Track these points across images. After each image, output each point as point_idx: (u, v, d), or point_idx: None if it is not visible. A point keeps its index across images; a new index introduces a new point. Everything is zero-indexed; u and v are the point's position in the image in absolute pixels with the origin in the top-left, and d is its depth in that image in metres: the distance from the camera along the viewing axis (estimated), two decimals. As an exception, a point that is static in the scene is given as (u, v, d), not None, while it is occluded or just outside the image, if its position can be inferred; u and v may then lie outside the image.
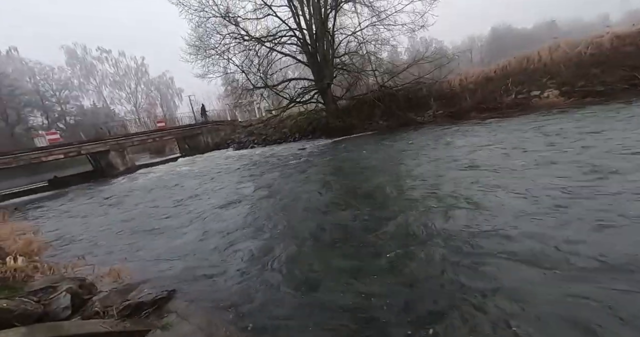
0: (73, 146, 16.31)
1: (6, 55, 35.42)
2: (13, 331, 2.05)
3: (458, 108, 12.22)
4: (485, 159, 5.59)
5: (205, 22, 15.30)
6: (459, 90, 12.83)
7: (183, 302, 2.82)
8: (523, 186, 3.91)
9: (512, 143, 6.35)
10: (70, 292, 2.69)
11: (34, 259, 3.80)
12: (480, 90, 12.14)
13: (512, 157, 5.38)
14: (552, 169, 4.35)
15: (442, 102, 12.97)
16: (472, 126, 9.74)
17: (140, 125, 32.98)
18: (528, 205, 3.38)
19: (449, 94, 13.00)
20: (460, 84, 13.06)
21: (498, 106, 11.18)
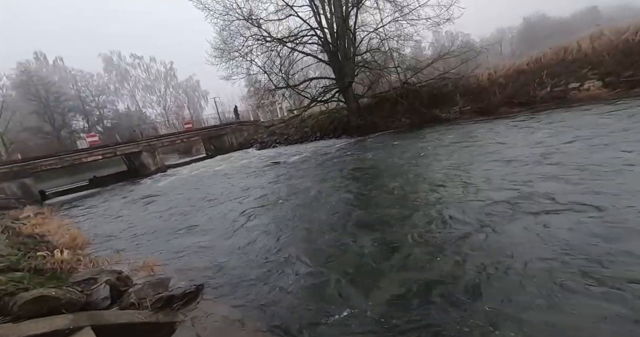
0: (110, 148, 17.44)
1: (53, 65, 38.60)
2: (61, 317, 2.22)
3: (487, 103, 11.65)
4: (566, 157, 4.69)
5: (229, 25, 15.73)
6: (487, 85, 12.21)
7: (210, 297, 2.93)
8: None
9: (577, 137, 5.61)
10: (109, 284, 2.88)
11: (77, 253, 4.10)
12: (512, 84, 11.48)
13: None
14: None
15: (469, 98, 12.43)
16: (508, 121, 9.19)
17: (169, 127, 34.66)
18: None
19: (477, 89, 12.41)
20: (489, 78, 12.43)
21: (531, 100, 10.52)
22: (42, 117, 32.19)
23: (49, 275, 3.24)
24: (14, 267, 3.23)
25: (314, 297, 2.60)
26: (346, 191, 5.70)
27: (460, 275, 2.44)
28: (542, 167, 4.54)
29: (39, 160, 15.10)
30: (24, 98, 31.71)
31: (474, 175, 4.94)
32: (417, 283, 2.48)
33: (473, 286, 2.28)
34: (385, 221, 3.92)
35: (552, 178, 4.00)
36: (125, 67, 47.31)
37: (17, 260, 3.46)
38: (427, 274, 2.58)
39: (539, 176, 4.17)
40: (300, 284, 2.86)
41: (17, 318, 2.15)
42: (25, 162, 14.82)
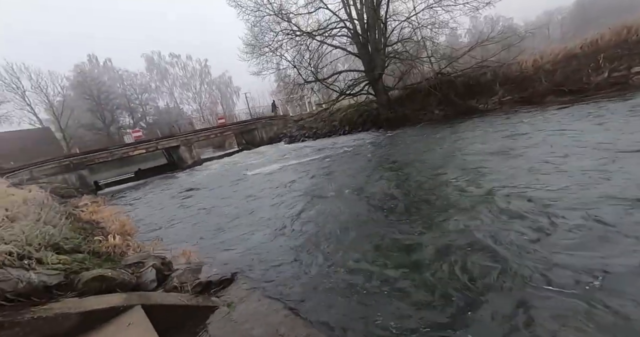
0: (152, 142, 18.78)
1: (103, 66, 42.11)
2: (117, 295, 2.50)
3: (531, 92, 10.75)
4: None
5: (260, 21, 16.04)
6: (531, 72, 11.23)
7: (244, 284, 3.09)
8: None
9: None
10: (155, 268, 3.16)
11: (126, 238, 4.52)
12: (561, 70, 10.45)
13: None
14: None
15: (510, 87, 11.54)
16: (557, 111, 8.45)
17: (204, 122, 36.49)
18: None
19: (519, 77, 11.47)
20: (534, 65, 11.40)
21: (584, 87, 9.52)
22: (95, 115, 35.41)
23: (104, 257, 3.62)
24: (76, 249, 3.65)
25: (348, 288, 2.65)
26: (379, 185, 5.64)
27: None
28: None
29: (93, 154, 16.73)
30: (80, 97, 35.05)
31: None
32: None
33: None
34: (417, 211, 3.84)
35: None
36: (165, 66, 50.22)
37: (79, 243, 3.90)
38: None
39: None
40: (335, 274, 2.93)
41: (82, 294, 2.45)
42: (82, 155, 16.49)
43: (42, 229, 3.64)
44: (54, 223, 4.22)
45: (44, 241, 3.29)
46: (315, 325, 2.27)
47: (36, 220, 4.00)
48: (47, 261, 2.81)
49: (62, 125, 31.71)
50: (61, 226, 4.19)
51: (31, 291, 2.21)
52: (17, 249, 2.68)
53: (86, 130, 34.45)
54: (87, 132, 34.37)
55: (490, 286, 2.28)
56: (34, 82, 31.14)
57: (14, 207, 4.36)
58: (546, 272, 2.26)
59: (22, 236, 3.14)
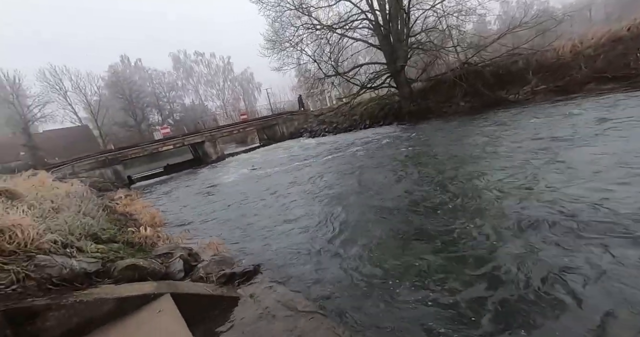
0: (179, 138, 19.61)
1: (134, 65, 44.32)
2: (148, 284, 2.66)
3: (568, 80, 9.98)
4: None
5: (281, 16, 16.09)
6: (569, 59, 10.41)
7: (267, 277, 3.18)
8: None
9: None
10: (183, 259, 3.33)
11: (157, 230, 4.79)
12: (604, 55, 9.59)
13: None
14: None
15: (544, 75, 10.78)
16: (600, 99, 7.79)
17: (227, 118, 37.45)
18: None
19: (555, 65, 10.67)
20: (572, 51, 10.55)
21: (630, 74, 8.68)
22: (127, 113, 37.50)
23: (137, 247, 3.87)
24: (112, 239, 3.93)
25: (369, 282, 2.65)
26: (400, 181, 5.54)
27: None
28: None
29: (126, 150, 17.77)
30: (114, 96, 37.23)
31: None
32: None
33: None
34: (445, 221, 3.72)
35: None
36: (190, 64, 51.92)
37: (114, 233, 4.19)
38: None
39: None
40: (359, 269, 2.94)
41: (117, 281, 2.63)
42: (117, 151, 17.57)
43: (83, 220, 3.95)
44: (92, 215, 4.55)
45: (84, 231, 3.57)
46: (335, 318, 2.29)
47: (77, 211, 4.34)
48: (86, 250, 3.05)
49: (99, 123, 33.91)
50: (99, 217, 4.52)
51: (74, 277, 2.41)
52: (61, 238, 2.93)
53: (120, 128, 36.58)
54: (120, 129, 36.51)
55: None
56: (74, 83, 33.51)
57: (59, 200, 4.75)
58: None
59: (66, 226, 3.43)
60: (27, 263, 2.34)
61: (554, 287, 2.09)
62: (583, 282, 2.07)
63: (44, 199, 4.43)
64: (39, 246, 2.64)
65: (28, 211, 3.39)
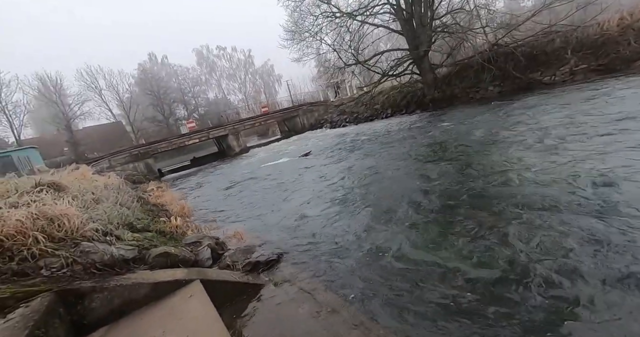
0: (204, 132, 20.32)
1: (161, 62, 46.04)
2: (180, 270, 2.83)
3: (613, 58, 9.08)
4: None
5: (300, 6, 15.90)
6: (616, 34, 9.42)
7: (290, 265, 3.27)
8: None
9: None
10: (210, 247, 3.50)
11: (186, 220, 5.06)
12: (657, 29, 8.60)
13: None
14: None
15: (585, 54, 9.86)
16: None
17: (249, 111, 38.09)
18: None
19: (599, 42, 9.71)
20: (620, 25, 9.54)
21: (689, 49, 7.74)
22: (155, 108, 39.29)
23: (168, 236, 4.11)
24: (146, 228, 4.20)
25: (394, 275, 2.66)
26: (419, 175, 5.41)
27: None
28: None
29: (156, 144, 18.72)
30: (144, 93, 39.08)
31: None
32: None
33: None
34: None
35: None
36: (213, 59, 53.03)
37: (148, 223, 4.48)
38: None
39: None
40: (381, 259, 2.95)
41: (151, 267, 2.83)
42: (148, 145, 18.56)
43: (120, 210, 4.25)
44: (128, 205, 4.88)
45: (121, 221, 3.84)
46: (357, 306, 2.33)
47: (115, 202, 4.67)
48: (124, 238, 3.29)
49: (131, 119, 35.86)
50: (134, 208, 4.84)
51: (114, 263, 2.62)
52: (101, 227, 3.18)
53: (149, 123, 38.49)
54: (150, 124, 38.41)
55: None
56: (107, 81, 35.53)
57: (98, 191, 5.13)
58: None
59: (105, 215, 3.71)
60: (74, 249, 2.57)
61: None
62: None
63: (85, 191, 4.80)
64: (83, 233, 2.89)
65: (72, 201, 3.71)
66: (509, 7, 18.46)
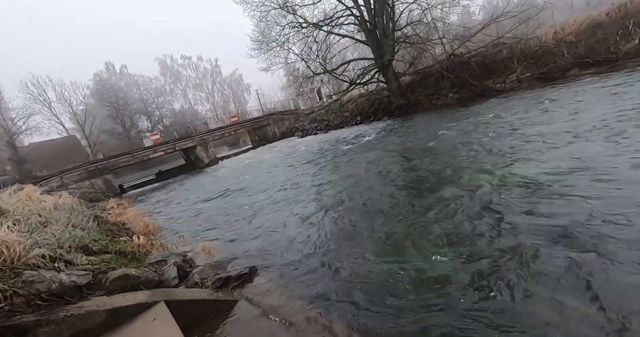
0: (170, 144, 19.38)
1: (119, 72, 43.59)
2: (141, 293, 2.62)
3: (551, 67, 10.13)
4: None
5: (266, 16, 15.94)
6: (552, 46, 10.55)
7: (263, 278, 3.17)
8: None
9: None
10: (177, 266, 3.29)
11: (150, 238, 4.73)
12: (584, 41, 9.75)
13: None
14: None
15: (528, 63, 10.90)
16: (583, 85, 7.92)
17: (218, 121, 37.12)
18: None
19: (539, 52, 10.80)
20: (555, 38, 10.70)
21: (611, 58, 8.85)
22: (114, 120, 36.90)
23: (130, 257, 3.81)
24: (104, 250, 3.86)
25: (368, 282, 2.65)
26: (386, 179, 5.57)
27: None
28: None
29: (116, 159, 17.50)
30: (100, 104, 36.59)
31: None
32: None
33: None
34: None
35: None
36: (177, 69, 51.36)
37: (106, 244, 4.12)
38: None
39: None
40: (348, 265, 2.95)
41: (109, 292, 2.59)
42: (106, 160, 17.29)
43: (72, 232, 3.87)
44: (82, 226, 4.47)
45: (74, 244, 3.50)
46: (333, 317, 2.29)
47: (66, 224, 4.25)
48: (77, 262, 2.99)
49: (86, 133, 33.28)
50: (89, 228, 4.44)
51: (63, 291, 2.36)
52: (49, 252, 2.87)
53: (108, 136, 35.99)
54: (109, 138, 35.91)
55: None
56: (58, 93, 32.79)
57: (46, 213, 4.65)
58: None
59: (54, 239, 3.36)
60: (14, 280, 2.28)
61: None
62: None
63: (31, 214, 4.33)
64: (26, 261, 2.58)
65: (13, 226, 3.32)
66: (462, 21, 20.00)
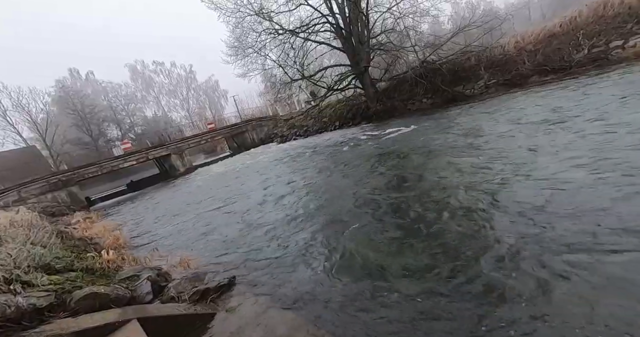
0: (142, 153, 18.51)
1: (85, 78, 41.30)
2: (111, 311, 2.44)
3: (514, 74, 10.84)
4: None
5: (242, 22, 15.80)
6: (514, 54, 11.33)
7: (243, 289, 3.06)
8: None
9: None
10: (150, 280, 3.11)
11: (121, 252, 4.45)
12: (542, 50, 10.55)
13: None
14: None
15: (494, 70, 11.62)
16: (541, 91, 8.52)
17: (194, 128, 36.04)
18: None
19: (503, 60, 11.56)
20: (516, 47, 11.52)
21: (565, 66, 9.63)
22: (80, 129, 34.74)
23: (98, 273, 3.54)
24: (69, 268, 3.57)
25: (346, 288, 2.63)
26: (369, 182, 5.64)
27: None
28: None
29: (82, 169, 16.41)
30: (64, 112, 34.35)
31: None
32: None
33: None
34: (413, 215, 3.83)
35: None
36: (149, 75, 49.54)
37: (71, 261, 3.81)
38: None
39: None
40: (326, 270, 2.92)
41: (75, 313, 2.38)
42: (71, 171, 16.17)
43: (32, 251, 3.55)
44: (43, 243, 4.12)
45: (33, 263, 3.20)
46: (315, 325, 2.25)
47: (24, 242, 3.90)
48: (37, 283, 2.73)
49: (48, 143, 31.03)
50: (51, 245, 4.10)
51: (20, 315, 2.14)
52: (3, 274, 2.61)
53: (73, 146, 33.80)
54: (74, 148, 33.73)
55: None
56: (14, 100, 30.39)
57: (1, 231, 4.25)
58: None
59: (9, 259, 3.06)
60: (-40, 306, 2.04)
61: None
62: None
63: (-18, 231, 3.93)
64: (-25, 284, 2.32)
65: (-39, 246, 2.98)
66: (433, 30, 20.98)
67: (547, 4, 40.81)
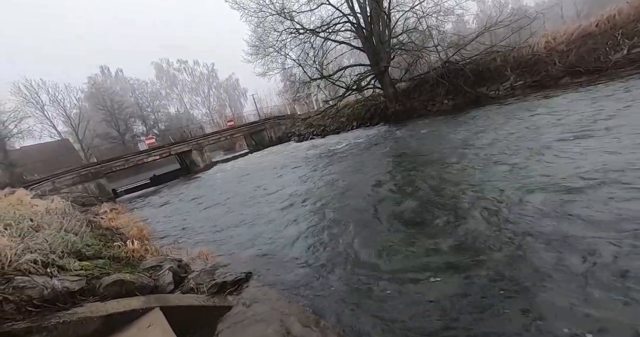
0: (165, 148, 19.24)
1: (115, 76, 43.40)
2: (136, 299, 2.57)
3: (543, 75, 10.34)
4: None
5: (263, 22, 16.06)
6: (544, 55, 10.79)
7: (258, 284, 3.13)
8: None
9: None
10: (172, 271, 3.24)
11: (144, 243, 4.66)
12: (575, 50, 9.99)
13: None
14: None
15: (521, 71, 11.13)
16: (574, 94, 8.09)
17: (214, 126, 37.04)
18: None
19: (531, 61, 11.04)
20: (547, 47, 10.95)
21: (601, 67, 9.07)
22: (109, 124, 36.60)
23: (124, 262, 3.74)
24: (97, 255, 3.78)
25: (364, 287, 2.64)
26: (382, 185, 5.59)
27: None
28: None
29: (110, 162, 17.29)
30: (95, 108, 36.32)
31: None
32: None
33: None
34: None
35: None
36: (173, 73, 51.32)
37: (99, 249, 4.04)
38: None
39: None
40: (350, 271, 2.93)
41: (103, 298, 2.53)
42: (100, 164, 17.07)
43: (65, 237, 3.79)
44: (75, 231, 4.39)
45: (66, 249, 3.43)
46: (329, 322, 2.27)
47: (59, 229, 4.17)
48: (70, 268, 2.93)
49: (80, 136, 32.92)
50: (82, 233, 4.36)
51: (56, 297, 2.30)
52: (41, 257, 2.81)
53: (102, 140, 35.64)
54: (103, 142, 35.56)
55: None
56: (51, 96, 32.48)
57: (38, 218, 4.56)
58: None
59: (46, 244, 3.28)
60: (4, 286, 2.22)
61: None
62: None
63: (22, 218, 4.24)
64: (17, 267, 2.51)
65: (4, 231, 3.24)
66: (457, 29, 20.40)
67: (581, 1, 38.59)
